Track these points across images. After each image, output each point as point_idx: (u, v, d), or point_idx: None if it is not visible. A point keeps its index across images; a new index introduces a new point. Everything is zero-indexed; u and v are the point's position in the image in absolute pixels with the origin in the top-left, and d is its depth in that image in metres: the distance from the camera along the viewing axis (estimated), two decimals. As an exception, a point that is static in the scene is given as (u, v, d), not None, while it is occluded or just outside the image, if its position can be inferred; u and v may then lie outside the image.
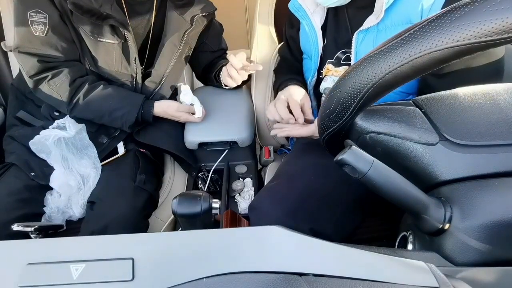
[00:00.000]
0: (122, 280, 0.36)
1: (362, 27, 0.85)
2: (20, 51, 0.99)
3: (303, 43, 1.04)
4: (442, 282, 0.35)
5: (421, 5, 0.76)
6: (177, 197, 0.54)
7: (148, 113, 1.09)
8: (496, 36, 0.36)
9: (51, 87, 1.03)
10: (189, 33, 1.12)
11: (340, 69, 0.95)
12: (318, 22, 0.95)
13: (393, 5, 0.80)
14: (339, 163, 0.46)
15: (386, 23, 0.82)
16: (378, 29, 0.83)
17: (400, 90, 0.85)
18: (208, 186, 1.21)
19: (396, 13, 0.80)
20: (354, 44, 0.88)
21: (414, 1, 0.77)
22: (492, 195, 0.47)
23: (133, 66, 1.08)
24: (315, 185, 0.86)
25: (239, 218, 0.79)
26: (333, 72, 0.96)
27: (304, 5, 0.96)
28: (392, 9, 0.80)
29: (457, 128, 0.53)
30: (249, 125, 1.20)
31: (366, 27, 0.84)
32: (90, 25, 1.00)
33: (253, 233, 0.40)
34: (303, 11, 0.97)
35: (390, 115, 0.55)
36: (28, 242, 0.41)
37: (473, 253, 0.45)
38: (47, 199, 1.03)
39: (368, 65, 0.45)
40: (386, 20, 0.82)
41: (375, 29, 0.83)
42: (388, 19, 0.81)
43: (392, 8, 0.80)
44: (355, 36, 0.87)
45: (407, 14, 0.79)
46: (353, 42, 0.88)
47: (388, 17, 0.81)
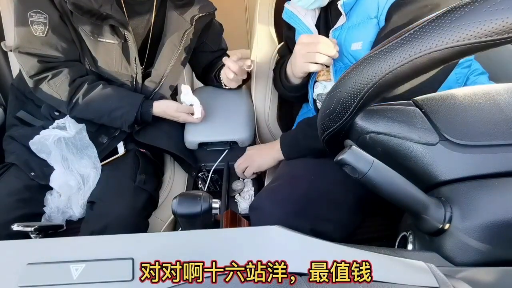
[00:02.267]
0: (122, 280, 0.36)
1: (335, 26, 0.93)
2: (20, 51, 0.99)
3: None
4: (442, 282, 0.35)
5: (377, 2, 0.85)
6: (177, 197, 0.54)
7: (147, 113, 1.09)
8: (496, 36, 0.36)
9: (51, 87, 1.03)
10: (189, 33, 1.12)
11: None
12: (311, 22, 0.99)
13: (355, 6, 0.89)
14: (339, 163, 0.46)
15: (352, 21, 0.90)
16: (348, 26, 0.91)
17: None
18: (208, 186, 1.21)
19: (358, 12, 0.89)
20: None
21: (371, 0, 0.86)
22: (492, 195, 0.47)
23: (133, 66, 1.08)
24: (315, 186, 0.86)
25: (239, 218, 0.79)
26: (324, 72, 0.99)
27: (296, 11, 1.01)
28: (355, 9, 0.89)
29: (457, 128, 0.52)
30: (249, 125, 1.20)
31: (339, 26, 0.92)
32: (90, 25, 1.00)
33: (253, 233, 0.40)
34: (296, 17, 1.01)
35: (390, 115, 0.55)
36: (28, 242, 0.41)
37: (473, 253, 0.45)
38: (47, 199, 1.03)
39: (368, 65, 0.45)
40: (352, 19, 0.90)
41: (346, 27, 0.91)
42: (353, 18, 0.90)
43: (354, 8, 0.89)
44: (331, 34, 0.94)
45: (366, 11, 0.87)
46: None
47: (353, 16, 0.90)
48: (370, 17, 0.86)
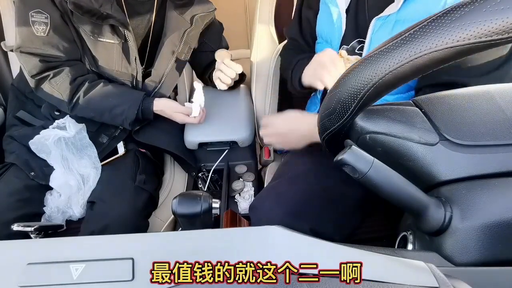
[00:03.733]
0: (122, 280, 0.36)
1: (382, 14, 0.83)
2: (22, 51, 0.99)
3: (323, 27, 0.99)
4: (442, 282, 0.35)
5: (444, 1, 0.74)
6: (177, 197, 0.54)
7: (148, 110, 1.09)
8: (496, 36, 0.36)
9: (52, 86, 1.03)
10: (188, 33, 1.12)
11: (352, 58, 0.91)
12: (344, 5, 0.92)
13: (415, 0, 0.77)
14: (339, 163, 0.46)
15: (405, 13, 0.79)
16: (397, 18, 0.80)
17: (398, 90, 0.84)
18: (208, 186, 1.21)
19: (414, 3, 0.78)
20: (370, 31, 0.86)
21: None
22: (492, 195, 0.47)
23: (134, 65, 1.09)
24: (315, 186, 0.86)
25: (239, 218, 0.79)
26: (344, 60, 0.91)
27: None
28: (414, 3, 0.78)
29: (457, 128, 0.52)
30: (249, 125, 1.20)
31: (386, 14, 0.81)
32: (90, 25, 1.01)
33: (253, 233, 0.40)
34: None
35: (390, 115, 0.55)
36: (28, 242, 0.41)
37: (473, 253, 0.45)
38: (47, 199, 1.03)
39: (368, 65, 0.45)
40: (405, 9, 0.79)
41: (393, 17, 0.81)
42: (409, 11, 0.78)
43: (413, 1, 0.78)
44: (373, 23, 0.84)
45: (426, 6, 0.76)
46: (369, 29, 0.86)
47: (409, 9, 0.78)
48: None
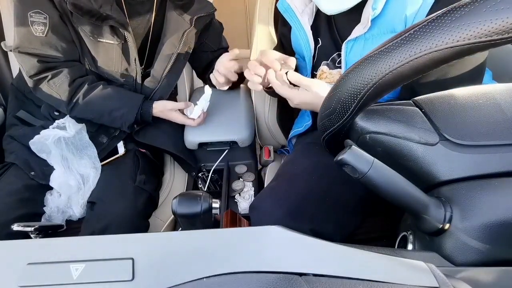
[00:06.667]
0: (122, 280, 0.36)
1: (350, 37, 0.85)
2: (20, 51, 0.99)
3: (294, 43, 1.02)
4: (442, 282, 0.35)
5: (404, 15, 0.78)
6: (177, 197, 0.54)
7: (147, 113, 1.09)
8: (496, 36, 0.36)
9: (51, 87, 1.03)
10: (188, 33, 1.12)
11: (334, 71, 0.94)
12: (307, 22, 0.93)
13: (379, 16, 0.81)
14: (339, 163, 0.46)
15: (372, 32, 0.83)
16: (365, 37, 0.84)
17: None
18: (208, 186, 1.21)
19: (382, 22, 0.82)
20: (344, 54, 0.88)
21: (398, 11, 0.79)
22: (492, 195, 0.47)
23: (133, 66, 1.09)
24: (315, 186, 0.86)
25: (239, 218, 0.79)
26: (327, 75, 0.95)
27: (293, 5, 0.94)
28: (378, 19, 0.82)
29: (457, 128, 0.52)
30: (249, 125, 1.20)
31: (354, 37, 0.85)
32: (90, 25, 1.01)
33: (253, 233, 0.40)
34: (292, 12, 0.95)
35: (390, 115, 0.55)
36: (28, 242, 0.41)
37: (473, 253, 0.45)
38: (47, 199, 1.03)
39: (368, 65, 0.45)
40: (372, 30, 0.83)
41: (362, 38, 0.84)
42: (375, 29, 0.83)
43: (377, 18, 0.82)
44: (344, 46, 0.87)
45: (392, 23, 0.81)
46: (342, 52, 0.88)
47: (375, 26, 0.82)
48: (394, 31, 0.80)
